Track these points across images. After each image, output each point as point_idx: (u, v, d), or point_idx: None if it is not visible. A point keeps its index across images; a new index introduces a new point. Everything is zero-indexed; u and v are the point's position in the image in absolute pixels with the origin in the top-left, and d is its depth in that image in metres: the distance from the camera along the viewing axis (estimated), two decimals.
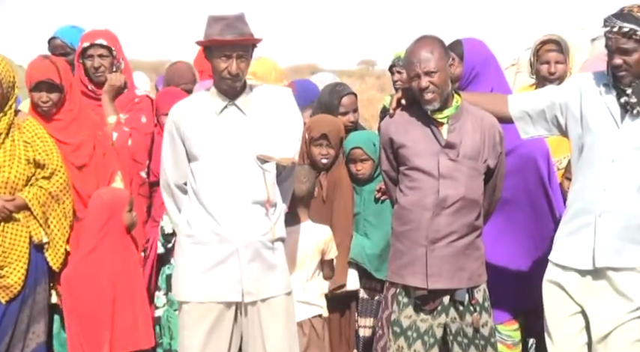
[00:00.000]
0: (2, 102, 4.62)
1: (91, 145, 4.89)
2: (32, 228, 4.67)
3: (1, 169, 4.61)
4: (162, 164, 4.21)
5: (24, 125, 4.72)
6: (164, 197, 4.26)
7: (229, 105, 4.07)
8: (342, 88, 5.35)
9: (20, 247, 4.65)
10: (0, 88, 4.57)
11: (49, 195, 4.68)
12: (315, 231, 4.78)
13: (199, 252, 4.04)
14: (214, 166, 4.03)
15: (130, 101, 5.34)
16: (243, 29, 3.97)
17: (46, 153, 4.70)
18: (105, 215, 4.63)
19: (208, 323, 4.04)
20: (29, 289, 4.69)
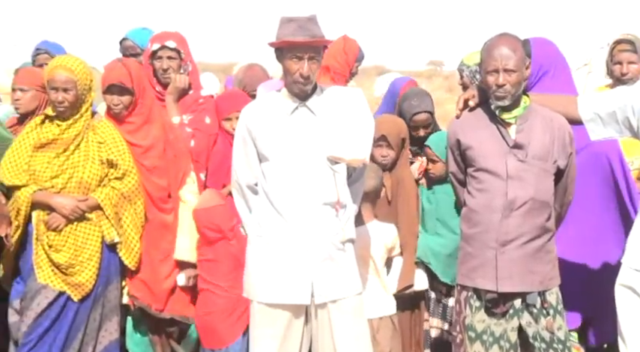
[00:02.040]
0: (78, 104, 4.73)
1: (161, 147, 4.96)
2: (104, 228, 4.75)
3: (76, 169, 4.71)
4: (234, 164, 4.24)
5: (98, 126, 4.82)
6: (235, 197, 4.29)
7: (300, 107, 4.08)
8: (418, 103, 5.28)
9: (92, 246, 4.73)
10: (75, 90, 4.68)
11: (121, 195, 4.75)
12: (382, 230, 4.78)
13: (269, 253, 4.06)
14: (285, 167, 4.04)
15: (195, 102, 5.37)
16: (315, 31, 3.98)
17: (119, 153, 4.78)
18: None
19: (279, 324, 4.06)
20: (101, 288, 4.77)
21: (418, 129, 5.28)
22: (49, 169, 4.69)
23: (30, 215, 4.71)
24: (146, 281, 4.89)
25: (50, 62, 4.81)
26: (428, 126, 5.30)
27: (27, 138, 4.74)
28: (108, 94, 4.85)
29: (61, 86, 4.64)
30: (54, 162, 4.70)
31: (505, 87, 3.93)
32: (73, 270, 4.69)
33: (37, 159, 4.71)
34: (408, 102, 5.29)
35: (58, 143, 4.72)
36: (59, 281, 4.68)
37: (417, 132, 5.27)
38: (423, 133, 5.27)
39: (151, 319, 4.99)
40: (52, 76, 4.66)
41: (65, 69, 4.67)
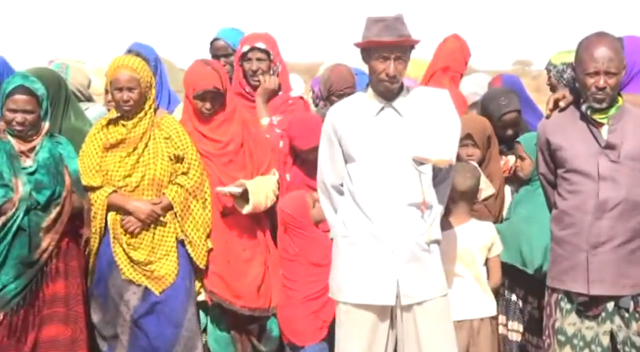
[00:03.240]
0: (142, 102, 4.78)
1: (239, 142, 4.97)
2: (178, 225, 4.81)
3: (147, 167, 4.77)
4: (320, 165, 4.25)
5: (162, 122, 4.86)
6: (320, 198, 4.30)
7: (386, 107, 4.07)
8: (506, 102, 5.22)
9: (168, 242, 4.79)
10: (139, 88, 4.73)
11: (186, 192, 4.78)
12: (480, 229, 4.73)
13: (355, 253, 4.05)
14: (370, 168, 4.03)
15: (284, 103, 5.40)
16: (402, 30, 3.97)
17: (183, 147, 4.82)
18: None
19: (364, 325, 4.04)
20: (180, 280, 4.81)
21: (506, 128, 5.21)
22: (121, 168, 4.76)
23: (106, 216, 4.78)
24: (223, 277, 4.91)
25: (111, 63, 4.87)
26: (516, 124, 5.23)
27: (95, 140, 4.80)
28: (199, 100, 4.89)
29: (125, 85, 4.70)
30: (125, 161, 4.77)
31: (605, 90, 3.84)
32: (152, 266, 4.76)
33: (108, 160, 4.77)
34: (495, 101, 5.23)
35: (127, 142, 4.78)
36: (140, 276, 4.76)
37: (505, 132, 5.21)
38: (511, 132, 5.21)
39: (229, 316, 4.99)
40: (116, 76, 4.72)
41: (128, 68, 4.73)
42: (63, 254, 4.68)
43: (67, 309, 4.67)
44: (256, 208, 4.85)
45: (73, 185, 4.70)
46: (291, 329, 4.84)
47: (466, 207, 4.74)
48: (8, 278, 4.53)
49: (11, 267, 4.54)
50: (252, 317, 4.97)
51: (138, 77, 4.72)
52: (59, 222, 4.63)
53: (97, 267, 4.84)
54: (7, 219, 4.54)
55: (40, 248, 4.59)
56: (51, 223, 4.62)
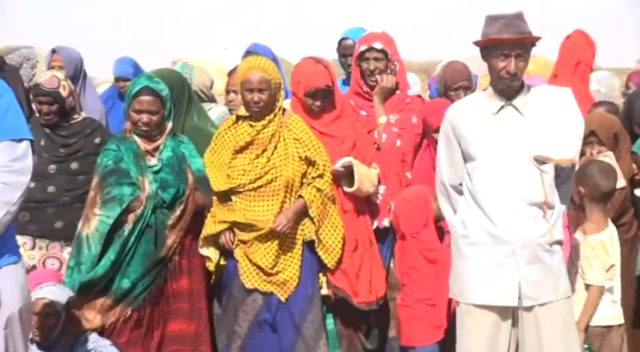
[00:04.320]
0: (271, 103, 4.81)
1: (352, 140, 5.01)
2: (305, 227, 4.82)
3: (279, 169, 4.78)
4: (438, 164, 4.23)
5: (291, 122, 4.88)
6: (439, 197, 4.28)
7: (506, 106, 4.01)
8: None
9: (295, 246, 4.80)
10: (270, 89, 4.76)
11: (324, 195, 4.80)
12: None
13: (475, 254, 4.01)
14: (491, 167, 3.98)
15: (402, 102, 5.39)
16: (522, 27, 3.92)
17: (315, 150, 4.83)
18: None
19: (487, 327, 4.00)
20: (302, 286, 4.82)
21: None
22: (252, 171, 4.79)
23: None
24: (347, 272, 4.92)
25: (241, 64, 4.93)
26: None
27: (223, 141, 4.87)
28: (310, 97, 4.94)
29: (256, 87, 4.73)
30: (255, 164, 4.80)
31: None
32: (277, 268, 4.76)
33: (238, 162, 4.81)
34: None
35: (256, 144, 4.81)
36: (265, 283, 4.78)
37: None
38: None
39: (343, 311, 5.00)
40: (247, 78, 4.75)
41: (259, 69, 4.76)
42: (186, 251, 4.77)
43: (191, 305, 4.75)
44: (359, 190, 4.89)
45: (197, 183, 4.79)
46: (404, 329, 4.83)
47: (603, 209, 4.60)
48: (136, 275, 4.65)
49: (138, 264, 4.65)
50: (363, 313, 4.97)
51: (269, 78, 4.76)
52: (183, 220, 4.73)
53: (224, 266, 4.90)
54: (136, 218, 4.66)
55: (165, 245, 4.70)
56: (176, 221, 4.72)
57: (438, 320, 4.73)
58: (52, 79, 5.18)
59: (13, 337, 3.52)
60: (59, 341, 4.55)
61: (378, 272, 5.01)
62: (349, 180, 4.92)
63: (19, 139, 3.58)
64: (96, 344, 4.55)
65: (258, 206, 4.78)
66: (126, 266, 4.64)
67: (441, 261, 4.75)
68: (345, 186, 4.93)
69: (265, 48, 6.07)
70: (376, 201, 5.10)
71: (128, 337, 4.65)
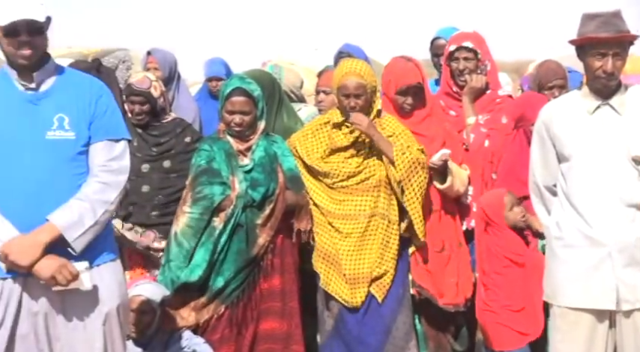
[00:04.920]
0: (367, 107, 4.83)
1: (442, 139, 5.00)
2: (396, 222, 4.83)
3: (372, 169, 4.82)
4: (532, 165, 4.17)
5: (383, 122, 4.90)
6: (532, 198, 4.22)
7: (602, 105, 3.94)
8: None
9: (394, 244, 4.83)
10: (365, 94, 4.78)
11: (415, 158, 4.78)
12: None
13: (570, 256, 3.94)
14: (586, 167, 3.91)
15: (492, 102, 5.34)
16: (620, 26, 3.83)
17: (409, 140, 4.84)
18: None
19: (582, 331, 3.93)
20: (395, 286, 4.83)
21: None
22: (344, 169, 4.83)
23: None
24: (430, 271, 4.91)
25: (338, 68, 4.94)
26: None
27: (316, 140, 4.92)
28: (401, 95, 4.95)
29: (352, 92, 4.76)
30: (349, 162, 4.84)
31: None
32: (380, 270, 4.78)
33: (331, 160, 4.86)
34: None
35: (353, 146, 4.86)
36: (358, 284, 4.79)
37: None
38: None
39: (429, 311, 4.99)
40: (344, 83, 4.77)
41: (355, 75, 4.76)
42: (278, 250, 4.79)
43: (283, 304, 4.78)
44: (450, 188, 4.87)
45: (288, 182, 4.82)
46: (490, 333, 4.78)
47: None
48: (230, 273, 4.69)
49: (232, 262, 4.70)
50: (450, 314, 4.95)
51: (365, 83, 4.77)
52: (273, 219, 4.76)
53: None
54: (227, 217, 4.71)
55: (257, 244, 4.73)
56: (265, 220, 4.75)
57: (524, 326, 4.68)
58: (144, 80, 5.28)
59: (111, 333, 3.59)
60: (154, 338, 4.62)
61: (466, 274, 4.98)
62: (441, 178, 4.89)
63: (117, 139, 3.65)
64: (189, 341, 4.60)
65: (350, 201, 4.81)
66: (219, 264, 4.69)
67: (528, 265, 4.69)
68: (437, 183, 4.90)
69: (357, 48, 6.08)
70: (465, 202, 5.07)
71: (221, 334, 4.70)
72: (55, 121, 3.55)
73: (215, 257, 4.68)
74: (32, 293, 3.50)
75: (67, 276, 3.43)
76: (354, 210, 4.82)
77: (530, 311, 4.69)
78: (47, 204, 3.48)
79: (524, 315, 4.69)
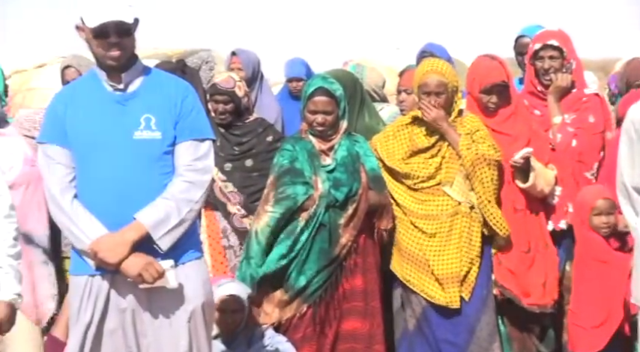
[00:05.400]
0: (448, 106, 4.82)
1: (526, 138, 4.95)
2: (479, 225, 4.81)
3: (452, 169, 4.81)
4: (619, 165, 4.09)
5: (464, 120, 4.88)
6: (619, 199, 4.14)
7: None
8: None
9: (477, 243, 4.81)
10: (446, 92, 4.77)
11: (482, 156, 4.77)
12: None
13: None
14: None
15: (578, 101, 5.26)
16: None
17: (484, 139, 4.82)
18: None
19: None
20: (478, 286, 4.81)
21: None
22: (425, 169, 4.83)
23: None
24: (515, 272, 4.86)
25: (419, 67, 4.95)
26: None
27: (397, 142, 4.93)
28: (485, 94, 4.91)
29: (433, 90, 4.76)
30: (430, 163, 4.85)
31: None
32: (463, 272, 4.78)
33: (412, 160, 4.88)
34: None
35: (434, 146, 4.86)
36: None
37: None
38: None
39: (512, 313, 4.94)
40: (424, 81, 4.77)
41: (437, 73, 4.77)
42: (361, 250, 4.79)
43: (365, 304, 4.77)
44: (533, 187, 4.82)
45: (370, 182, 4.82)
46: (571, 335, 4.72)
47: None
48: (312, 272, 4.72)
49: (314, 262, 4.72)
50: (535, 315, 4.89)
51: (446, 81, 4.78)
52: (356, 218, 4.75)
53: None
54: (309, 216, 4.74)
55: (339, 243, 4.74)
56: (348, 219, 4.75)
57: (607, 329, 4.63)
58: (228, 80, 5.33)
59: (196, 331, 3.62)
60: (239, 336, 4.67)
61: (553, 275, 4.92)
62: (524, 176, 4.84)
63: (202, 139, 3.68)
64: (272, 339, 4.63)
65: (432, 201, 4.81)
66: (302, 263, 4.72)
67: (613, 266, 4.64)
68: (519, 181, 4.84)
69: (440, 48, 6.06)
70: (552, 202, 4.99)
71: (303, 333, 4.72)
72: (142, 121, 3.60)
73: (294, 253, 4.71)
74: (120, 290, 3.57)
75: (153, 274, 3.48)
76: (436, 209, 4.81)
77: (614, 314, 4.60)
78: (134, 203, 3.53)
79: (609, 318, 4.60)
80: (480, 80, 4.93)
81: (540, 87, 5.31)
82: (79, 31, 3.60)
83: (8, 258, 3.49)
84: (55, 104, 3.68)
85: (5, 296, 3.44)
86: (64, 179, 3.58)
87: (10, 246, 3.51)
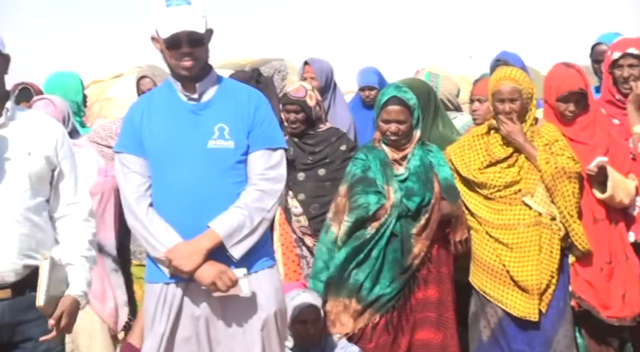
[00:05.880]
0: (523, 113, 4.77)
1: (605, 148, 4.87)
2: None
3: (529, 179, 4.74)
4: None
5: (542, 130, 4.83)
6: None
7: None
8: None
9: (557, 255, 4.73)
10: (520, 99, 4.73)
11: (561, 168, 4.70)
12: None
13: None
14: None
15: None
16: None
17: (562, 149, 4.75)
18: None
19: None
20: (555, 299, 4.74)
21: None
22: (501, 179, 4.79)
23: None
24: (593, 283, 4.78)
25: (493, 75, 4.91)
26: None
27: (472, 152, 4.89)
28: (563, 102, 4.84)
29: (507, 97, 4.72)
30: (506, 172, 4.79)
31: None
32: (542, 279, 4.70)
33: (488, 170, 4.83)
34: None
35: (509, 157, 4.81)
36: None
37: None
38: None
39: (590, 325, 4.86)
40: (498, 88, 4.74)
41: (510, 79, 4.73)
42: (434, 260, 4.77)
43: (438, 315, 4.75)
44: (612, 198, 4.74)
45: (443, 192, 4.79)
46: None
47: None
48: (385, 282, 4.70)
49: (387, 272, 4.70)
50: (614, 328, 4.81)
51: (520, 88, 4.74)
52: (429, 228, 4.73)
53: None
54: (380, 225, 4.72)
55: (412, 253, 4.71)
56: (420, 229, 4.73)
57: None
58: (300, 89, 5.35)
59: (270, 339, 3.64)
60: (313, 345, 4.67)
61: (635, 288, 4.82)
62: (602, 187, 4.75)
63: (274, 148, 3.70)
64: (345, 349, 4.62)
65: (509, 211, 4.77)
66: (376, 273, 4.70)
67: None
68: (597, 192, 4.76)
69: (514, 56, 6.01)
70: (633, 213, 4.89)
71: (376, 343, 4.71)
72: (216, 131, 3.63)
73: (357, 258, 4.70)
74: (194, 298, 3.60)
75: (226, 282, 3.51)
76: (513, 219, 4.76)
77: None
78: (208, 212, 3.56)
79: None
80: (556, 88, 4.87)
81: (619, 95, 5.23)
82: (154, 42, 3.65)
83: (81, 258, 3.55)
84: (132, 114, 3.74)
85: (72, 291, 3.50)
86: (139, 188, 3.64)
87: (85, 248, 3.58)
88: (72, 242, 3.56)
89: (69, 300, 3.47)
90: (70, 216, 3.59)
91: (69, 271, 3.51)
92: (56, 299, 3.42)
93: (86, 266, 3.56)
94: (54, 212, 3.59)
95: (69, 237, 3.57)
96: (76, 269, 3.52)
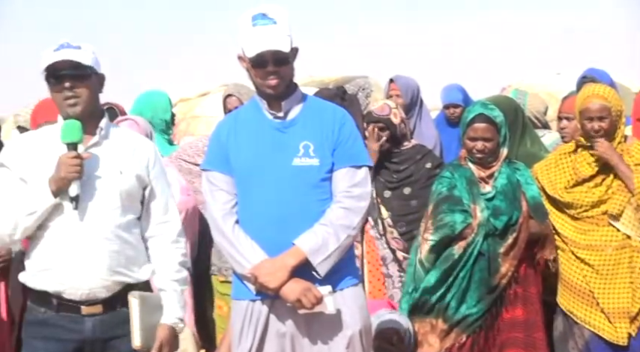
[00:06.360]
0: (612, 131, 4.68)
1: None
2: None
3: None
4: None
5: (632, 149, 4.73)
6: None
7: None
8: None
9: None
10: (609, 117, 4.64)
11: None
12: None
13: None
14: None
15: None
16: None
17: None
18: None
19: None
20: None
21: None
22: (588, 198, 4.71)
23: None
24: None
25: (581, 93, 4.84)
26: None
27: (559, 170, 4.81)
28: None
29: (596, 115, 4.64)
30: (594, 192, 4.71)
31: None
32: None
33: (575, 189, 4.76)
34: None
35: (596, 176, 4.72)
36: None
37: None
38: None
39: None
40: (586, 106, 4.66)
41: (599, 97, 4.65)
42: (522, 279, 4.70)
43: (526, 335, 4.67)
44: None
45: (531, 211, 4.72)
46: None
47: None
48: (472, 301, 4.65)
49: (474, 291, 4.65)
50: None
51: (609, 106, 4.65)
52: (516, 248, 4.66)
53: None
54: (467, 244, 4.68)
55: (499, 273, 4.66)
56: (508, 249, 4.66)
57: None
58: (384, 107, 5.35)
59: None
60: None
61: None
62: None
63: (359, 166, 3.69)
64: None
65: (596, 231, 4.68)
66: (463, 293, 4.66)
67: None
68: None
69: (602, 73, 5.91)
70: None
71: None
72: (301, 148, 3.64)
73: (449, 281, 4.65)
74: (279, 315, 3.61)
75: (311, 300, 3.51)
76: (599, 240, 4.66)
77: None
78: (293, 229, 3.57)
79: None
80: None
81: None
82: (240, 61, 3.69)
83: (173, 283, 3.63)
84: (219, 132, 3.78)
85: (167, 319, 3.56)
86: (226, 205, 3.66)
87: (176, 271, 3.65)
88: (162, 266, 3.64)
89: (166, 330, 3.56)
90: (160, 236, 3.67)
91: (162, 297, 3.60)
92: (152, 331, 3.50)
93: (178, 290, 3.64)
94: (145, 231, 3.67)
95: (159, 260, 3.65)
96: (168, 295, 3.61)
